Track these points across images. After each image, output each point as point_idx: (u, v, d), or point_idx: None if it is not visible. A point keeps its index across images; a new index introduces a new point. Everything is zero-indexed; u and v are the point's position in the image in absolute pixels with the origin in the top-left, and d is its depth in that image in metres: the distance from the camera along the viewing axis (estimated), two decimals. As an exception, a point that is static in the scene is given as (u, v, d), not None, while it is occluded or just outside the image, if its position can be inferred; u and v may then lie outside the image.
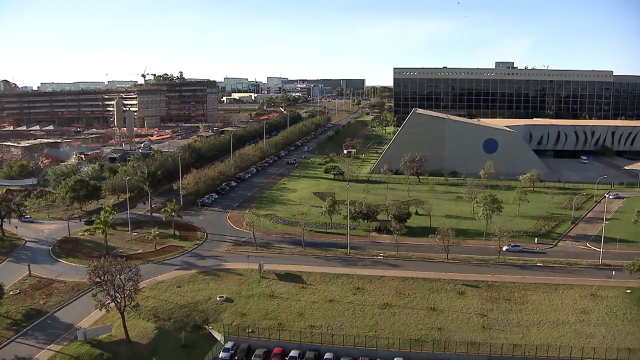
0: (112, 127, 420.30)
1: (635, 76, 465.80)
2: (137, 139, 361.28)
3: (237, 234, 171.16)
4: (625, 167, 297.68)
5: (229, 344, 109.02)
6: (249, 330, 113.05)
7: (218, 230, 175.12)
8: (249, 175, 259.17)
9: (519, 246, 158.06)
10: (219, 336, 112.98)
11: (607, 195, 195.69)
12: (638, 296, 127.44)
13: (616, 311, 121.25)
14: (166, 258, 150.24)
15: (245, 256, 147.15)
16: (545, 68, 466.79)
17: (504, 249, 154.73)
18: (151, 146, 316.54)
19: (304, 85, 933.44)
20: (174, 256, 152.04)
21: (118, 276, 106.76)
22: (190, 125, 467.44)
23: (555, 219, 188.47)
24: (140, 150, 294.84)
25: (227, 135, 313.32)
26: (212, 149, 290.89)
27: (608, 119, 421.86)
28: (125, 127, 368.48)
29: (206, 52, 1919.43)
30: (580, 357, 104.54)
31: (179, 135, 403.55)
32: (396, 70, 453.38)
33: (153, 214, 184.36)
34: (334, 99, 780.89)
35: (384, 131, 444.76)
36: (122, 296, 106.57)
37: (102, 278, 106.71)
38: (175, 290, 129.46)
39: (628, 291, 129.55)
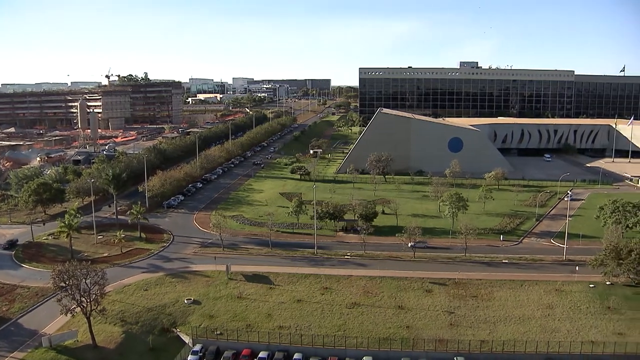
0: (76, 129, 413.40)
1: (596, 76, 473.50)
2: (101, 141, 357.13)
3: (203, 235, 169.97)
4: (587, 165, 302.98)
5: (197, 347, 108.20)
6: (218, 332, 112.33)
7: (185, 232, 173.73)
8: (215, 176, 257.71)
9: (425, 242, 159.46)
10: (187, 339, 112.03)
11: (569, 192, 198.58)
12: (601, 290, 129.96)
13: (580, 305, 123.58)
14: (132, 261, 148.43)
15: (213, 258, 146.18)
16: (509, 68, 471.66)
17: (410, 245, 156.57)
18: (116, 148, 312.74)
19: (270, 85, 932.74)
20: (141, 259, 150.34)
21: (83, 280, 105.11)
22: (155, 126, 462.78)
23: (520, 216, 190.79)
24: (104, 152, 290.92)
25: (193, 136, 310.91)
26: (178, 150, 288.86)
27: (570, 117, 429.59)
28: (89, 128, 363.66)
29: (171, 52, 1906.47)
30: (546, 352, 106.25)
31: (144, 136, 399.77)
32: (362, 70, 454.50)
33: (119, 217, 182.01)
34: (300, 99, 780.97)
35: (350, 131, 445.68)
36: (88, 300, 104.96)
37: (67, 282, 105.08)
38: (142, 293, 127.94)
39: (591, 285, 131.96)
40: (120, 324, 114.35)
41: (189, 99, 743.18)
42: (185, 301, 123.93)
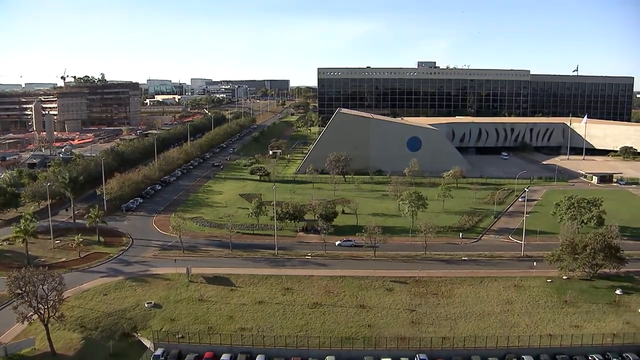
0: (31, 132, 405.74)
1: (550, 75, 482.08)
2: (57, 144, 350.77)
3: (163, 238, 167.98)
4: (543, 162, 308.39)
5: (158, 351, 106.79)
6: (179, 336, 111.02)
7: (144, 235, 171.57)
8: (174, 178, 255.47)
9: (350, 241, 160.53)
10: (148, 343, 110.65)
11: (526, 189, 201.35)
12: (558, 285, 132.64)
13: (538, 300, 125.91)
14: (91, 265, 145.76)
15: (173, 260, 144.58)
16: (466, 67, 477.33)
17: (337, 244, 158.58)
18: (72, 150, 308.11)
19: (229, 86, 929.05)
20: (100, 263, 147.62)
21: (40, 286, 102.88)
22: (113, 128, 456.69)
23: (479, 213, 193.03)
24: (61, 155, 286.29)
25: (151, 138, 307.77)
26: (136, 152, 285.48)
27: (526, 116, 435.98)
28: (44, 131, 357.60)
29: (128, 53, 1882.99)
30: (506, 346, 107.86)
31: (101, 138, 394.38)
32: (320, 71, 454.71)
33: (76, 221, 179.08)
34: (259, 100, 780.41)
35: (309, 131, 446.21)
36: (46, 307, 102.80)
37: (23, 289, 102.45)
38: (102, 298, 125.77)
39: (548, 280, 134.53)
40: (79, 330, 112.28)
41: (147, 101, 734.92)
42: (146, 305, 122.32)
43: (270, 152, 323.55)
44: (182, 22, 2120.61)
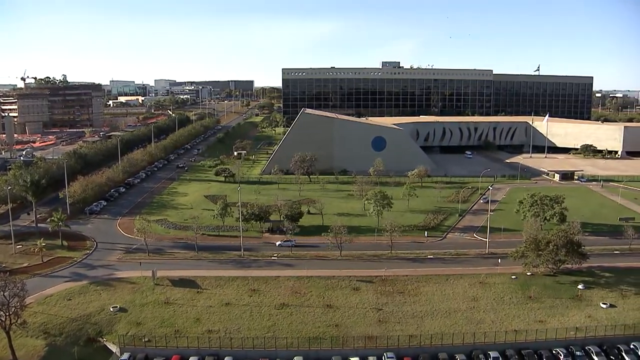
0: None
1: (513, 75, 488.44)
2: (18, 146, 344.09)
3: (128, 241, 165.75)
4: (507, 161, 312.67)
5: (125, 355, 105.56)
6: (145, 340, 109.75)
7: (108, 239, 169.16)
8: (138, 180, 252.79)
9: (291, 241, 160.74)
10: (114, 348, 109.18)
11: (490, 188, 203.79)
12: (522, 281, 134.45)
13: (503, 296, 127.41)
14: (54, 270, 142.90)
15: (138, 263, 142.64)
16: (430, 67, 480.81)
17: (277, 244, 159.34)
18: (34, 153, 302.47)
19: (192, 87, 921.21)
20: (63, 267, 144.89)
21: (1, 293, 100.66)
22: (75, 130, 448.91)
23: (444, 212, 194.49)
24: (22, 158, 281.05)
25: (115, 140, 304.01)
26: (99, 154, 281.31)
27: (489, 115, 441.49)
28: (4, 133, 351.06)
29: (90, 54, 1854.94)
30: (472, 343, 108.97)
31: (63, 141, 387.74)
32: (285, 71, 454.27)
33: (38, 225, 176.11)
34: (223, 101, 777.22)
35: (273, 132, 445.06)
36: (7, 314, 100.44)
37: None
38: (66, 303, 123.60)
39: (513, 277, 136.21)
40: (43, 337, 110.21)
41: (110, 102, 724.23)
42: (111, 309, 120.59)
43: (235, 153, 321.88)
44: (144, 22, 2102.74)
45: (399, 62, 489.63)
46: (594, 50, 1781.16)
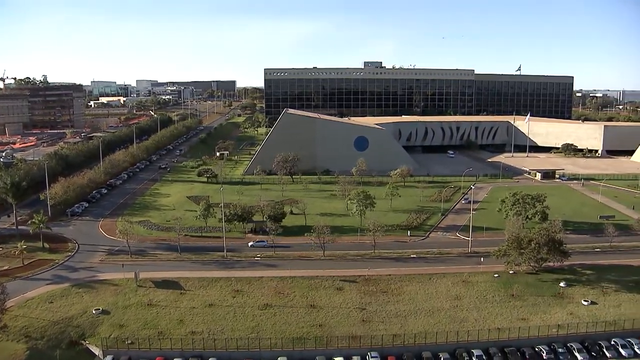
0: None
1: (494, 74, 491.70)
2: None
3: (110, 243, 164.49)
4: (489, 160, 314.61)
5: (108, 358, 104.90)
6: (129, 342, 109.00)
7: (90, 240, 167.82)
8: (120, 181, 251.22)
9: (264, 242, 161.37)
10: (97, 351, 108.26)
11: (472, 187, 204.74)
12: (505, 279, 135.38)
13: (486, 295, 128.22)
14: (35, 273, 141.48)
15: (120, 265, 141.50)
16: (412, 67, 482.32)
17: (250, 244, 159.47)
18: (14, 154, 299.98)
19: (174, 87, 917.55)
20: (44, 270, 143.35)
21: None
22: (56, 131, 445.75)
23: (426, 211, 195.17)
24: (2, 159, 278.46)
25: (96, 141, 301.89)
26: (81, 155, 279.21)
27: (471, 115, 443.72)
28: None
29: (71, 54, 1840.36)
30: (456, 341, 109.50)
31: (44, 142, 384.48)
32: (267, 71, 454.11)
33: (19, 227, 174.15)
34: (205, 101, 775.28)
35: (256, 132, 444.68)
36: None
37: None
38: (47, 306, 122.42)
39: (495, 275, 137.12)
40: (24, 341, 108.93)
41: (91, 103, 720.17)
42: (94, 311, 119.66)
43: (218, 154, 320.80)
44: (126, 22, 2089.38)
45: (381, 62, 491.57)
46: (574, 50, 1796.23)
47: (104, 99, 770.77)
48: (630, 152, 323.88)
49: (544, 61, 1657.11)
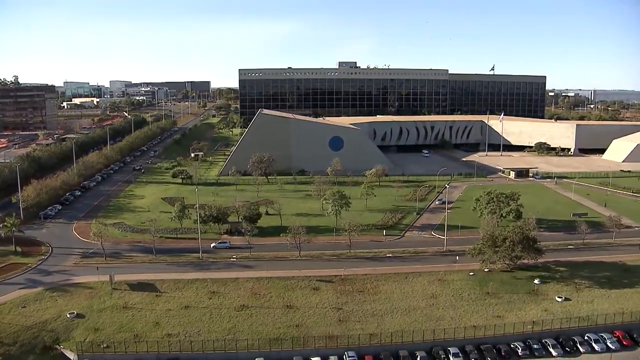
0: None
1: (468, 74, 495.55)
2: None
3: (84, 245, 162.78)
4: (463, 159, 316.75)
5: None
6: (104, 346, 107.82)
7: (64, 243, 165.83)
8: (94, 183, 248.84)
9: (226, 242, 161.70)
10: (71, 355, 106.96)
11: (447, 186, 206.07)
12: (480, 277, 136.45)
13: (461, 293, 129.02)
14: (7, 277, 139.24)
15: (95, 268, 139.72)
16: (387, 67, 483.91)
17: (212, 246, 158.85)
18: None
19: (149, 88, 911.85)
20: (17, 274, 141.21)
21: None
22: (28, 133, 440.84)
23: (402, 211, 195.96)
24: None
25: (69, 143, 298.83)
26: (54, 157, 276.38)
27: (445, 114, 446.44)
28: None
29: (43, 54, 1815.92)
30: (432, 339, 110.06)
31: (16, 144, 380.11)
32: (241, 72, 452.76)
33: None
34: (180, 102, 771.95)
35: (230, 133, 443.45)
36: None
37: None
38: (20, 311, 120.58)
39: (471, 274, 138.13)
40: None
41: (64, 104, 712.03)
42: (68, 315, 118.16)
43: (192, 155, 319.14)
44: (99, 22, 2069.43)
45: (356, 62, 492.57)
46: (547, 50, 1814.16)
47: (77, 100, 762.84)
48: (602, 151, 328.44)
49: (517, 61, 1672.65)
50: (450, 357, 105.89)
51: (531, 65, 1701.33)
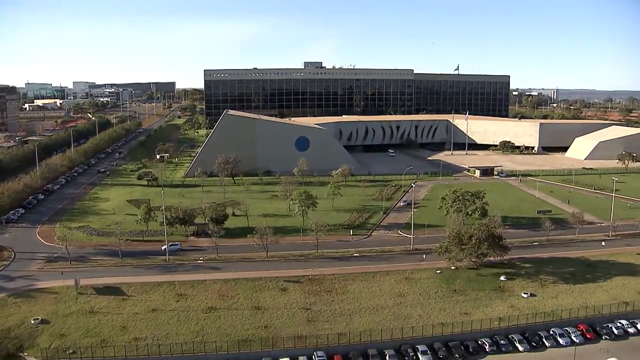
0: None
1: (433, 74, 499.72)
2: None
3: (49, 249, 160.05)
4: (429, 158, 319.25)
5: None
6: (70, 352, 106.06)
7: (27, 248, 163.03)
8: (58, 186, 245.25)
9: (177, 244, 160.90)
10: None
11: (413, 185, 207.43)
12: (447, 275, 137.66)
13: (429, 291, 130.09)
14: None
15: (60, 273, 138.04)
16: (352, 67, 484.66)
17: (162, 248, 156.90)
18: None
19: (113, 89, 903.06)
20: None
21: None
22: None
23: (368, 210, 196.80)
24: None
25: (32, 145, 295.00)
26: (15, 160, 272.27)
27: (411, 114, 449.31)
28: None
29: (3, 55, 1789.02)
30: (401, 338, 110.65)
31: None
32: (207, 72, 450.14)
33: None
34: (145, 103, 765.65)
35: (196, 134, 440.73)
36: None
37: None
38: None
39: (438, 272, 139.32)
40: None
41: (26, 105, 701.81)
42: (32, 322, 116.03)
43: (158, 156, 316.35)
44: (61, 22, 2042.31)
45: (321, 63, 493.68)
46: (511, 50, 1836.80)
47: (39, 102, 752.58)
48: (565, 149, 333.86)
49: (481, 61, 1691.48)
50: (419, 355, 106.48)
51: (495, 65, 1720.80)
